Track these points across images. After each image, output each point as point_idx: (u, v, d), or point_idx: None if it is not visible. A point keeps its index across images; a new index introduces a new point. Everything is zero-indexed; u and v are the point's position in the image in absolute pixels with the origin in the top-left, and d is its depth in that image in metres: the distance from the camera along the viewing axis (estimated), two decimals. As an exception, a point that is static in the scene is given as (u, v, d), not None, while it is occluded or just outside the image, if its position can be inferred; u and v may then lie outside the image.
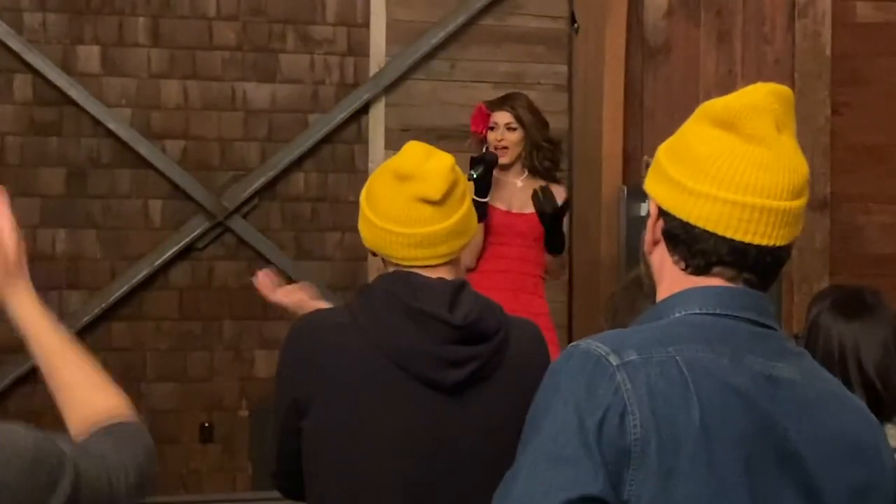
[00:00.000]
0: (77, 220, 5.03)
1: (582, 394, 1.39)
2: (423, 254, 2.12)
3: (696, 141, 1.51)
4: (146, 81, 5.10)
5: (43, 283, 5.02)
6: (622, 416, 1.37)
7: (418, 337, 2.05)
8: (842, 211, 5.59)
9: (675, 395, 1.40)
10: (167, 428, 5.09)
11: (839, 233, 5.58)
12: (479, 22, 5.41)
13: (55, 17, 5.01)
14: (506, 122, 4.46)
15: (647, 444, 1.37)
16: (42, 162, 5.00)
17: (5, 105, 4.97)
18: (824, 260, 5.50)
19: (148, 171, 5.09)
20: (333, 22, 5.29)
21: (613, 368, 1.40)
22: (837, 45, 5.55)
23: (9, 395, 4.93)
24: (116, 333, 5.08)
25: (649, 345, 1.43)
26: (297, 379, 2.12)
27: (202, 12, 5.15)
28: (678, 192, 1.50)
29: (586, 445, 1.36)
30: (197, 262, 5.16)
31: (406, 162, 2.13)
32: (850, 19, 5.62)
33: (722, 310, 1.49)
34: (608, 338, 1.47)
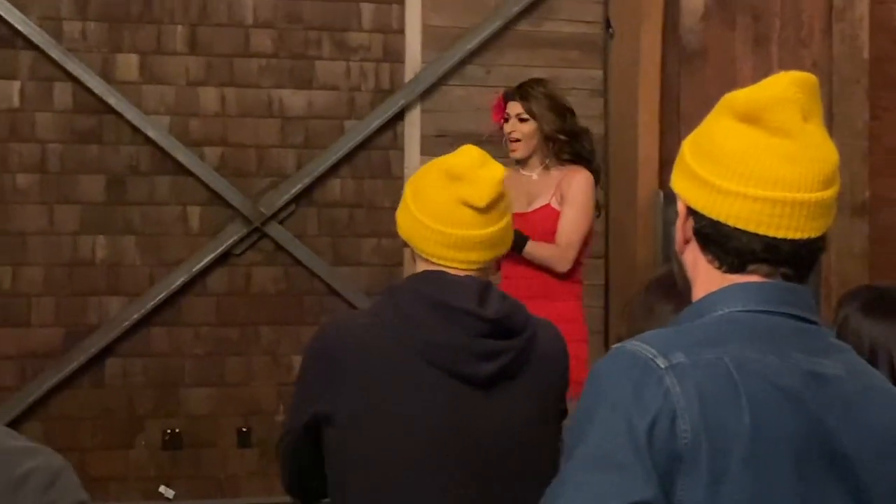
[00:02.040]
0: (116, 227, 5.08)
1: (630, 398, 1.37)
2: (454, 255, 2.14)
3: (722, 137, 1.49)
4: (184, 89, 5.14)
5: (83, 290, 5.12)
6: (673, 420, 1.35)
7: (449, 331, 2.06)
8: (881, 215, 5.54)
9: (724, 398, 1.37)
10: (205, 432, 5.13)
11: (878, 237, 5.52)
12: (514, 27, 5.42)
13: (95, 25, 5.06)
14: (517, 112, 4.21)
15: (698, 449, 1.35)
16: (82, 169, 5.05)
17: (46, 113, 5.02)
18: (864, 265, 5.45)
19: (186, 178, 5.13)
20: (369, 29, 5.31)
21: (662, 371, 1.37)
22: (875, 49, 5.50)
23: (47, 400, 4.97)
24: (155, 339, 5.11)
25: (696, 346, 1.41)
26: (323, 382, 2.12)
27: (239, 20, 5.19)
28: (707, 190, 1.48)
29: (637, 451, 1.33)
30: (234, 268, 5.19)
31: (460, 163, 2.14)
32: (889, 23, 5.58)
33: (764, 306, 1.47)
34: (653, 339, 1.44)
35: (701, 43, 5.42)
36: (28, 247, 4.99)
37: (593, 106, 5.51)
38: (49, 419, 4.94)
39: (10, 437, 1.45)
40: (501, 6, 5.37)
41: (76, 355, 4.99)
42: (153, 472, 5.10)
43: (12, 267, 4.97)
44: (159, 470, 5.11)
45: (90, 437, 4.99)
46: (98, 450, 4.96)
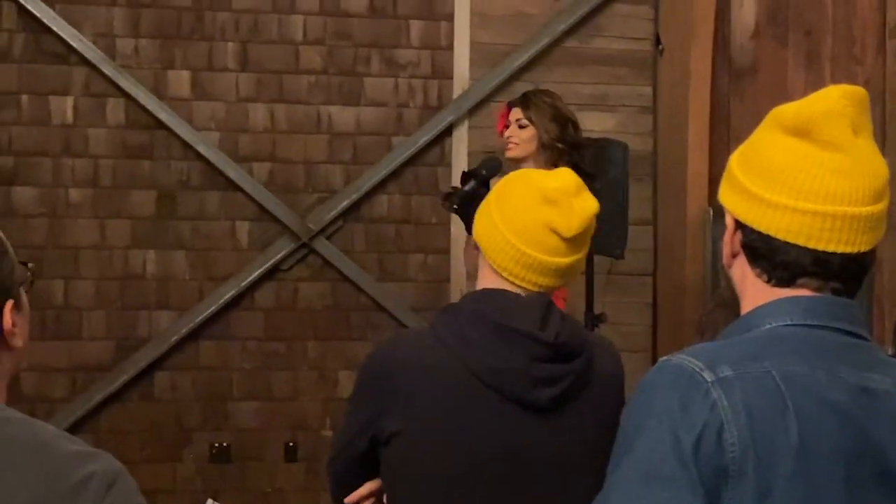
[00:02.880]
0: (167, 242, 5.13)
1: (676, 411, 1.36)
2: (526, 276, 2.10)
3: (771, 151, 1.48)
4: (234, 105, 5.19)
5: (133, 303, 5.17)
6: (719, 433, 1.34)
7: (510, 355, 2.03)
8: (934, 233, 5.46)
9: (772, 412, 1.36)
10: (252, 447, 5.15)
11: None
12: (562, 44, 5.41)
13: (147, 42, 5.12)
14: (517, 118, 4.21)
15: (745, 462, 1.34)
16: (133, 184, 5.10)
17: (98, 129, 5.08)
18: (917, 284, 5.38)
19: (235, 194, 5.17)
20: (418, 45, 5.33)
21: (708, 384, 1.37)
22: (929, 66, 5.43)
23: (99, 412, 5.02)
24: (204, 353, 5.15)
25: (743, 359, 1.40)
26: (376, 402, 2.10)
27: (289, 37, 5.23)
28: (756, 204, 1.47)
29: (683, 464, 1.33)
30: (282, 283, 5.21)
31: (557, 188, 2.09)
32: (943, 39, 5.51)
33: (813, 320, 1.46)
34: (700, 352, 1.43)
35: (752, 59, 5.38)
36: (80, 261, 5.05)
37: (642, 123, 5.49)
38: (99, 432, 4.98)
39: (70, 442, 1.47)
40: (550, 23, 5.37)
41: (126, 368, 5.04)
42: (201, 486, 5.12)
43: (64, 280, 5.03)
44: (207, 483, 5.13)
45: (139, 450, 5.03)
46: (146, 463, 5.00)
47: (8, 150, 5.00)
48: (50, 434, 1.46)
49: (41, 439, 1.44)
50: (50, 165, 5.04)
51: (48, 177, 5.04)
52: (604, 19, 5.46)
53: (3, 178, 4.99)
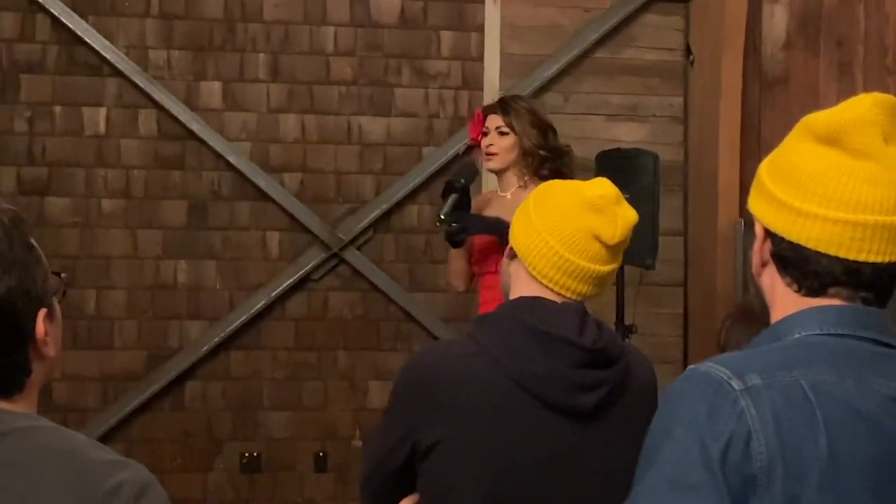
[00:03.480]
0: (198, 252, 5.15)
1: (704, 419, 1.36)
2: (567, 283, 2.10)
3: (801, 159, 1.47)
4: (265, 116, 5.21)
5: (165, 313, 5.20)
6: (747, 442, 1.34)
7: (551, 362, 2.02)
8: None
9: (801, 421, 1.36)
10: (282, 456, 5.16)
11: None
12: (592, 55, 5.41)
13: (179, 54, 5.15)
14: (496, 125, 3.99)
15: (773, 472, 1.33)
16: (165, 195, 5.14)
17: (131, 139, 5.12)
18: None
19: (266, 204, 5.19)
20: (448, 56, 5.34)
21: (736, 393, 1.36)
22: (963, 75, 5.39)
23: (130, 421, 5.05)
24: (235, 362, 5.17)
25: (772, 368, 1.39)
26: (417, 412, 2.08)
27: (320, 48, 5.25)
28: (785, 213, 1.46)
29: (710, 472, 1.33)
30: (312, 293, 5.23)
31: (600, 195, 2.10)
32: (977, 48, 5.46)
33: (843, 330, 1.45)
34: (728, 360, 1.43)
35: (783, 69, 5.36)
36: (112, 270, 5.09)
37: (673, 133, 5.47)
38: (130, 441, 5.01)
39: (101, 450, 1.48)
40: (580, 33, 5.37)
41: (157, 378, 5.06)
42: (231, 495, 5.14)
43: (96, 290, 5.06)
44: (237, 493, 5.15)
45: (170, 460, 5.05)
46: (178, 472, 5.02)
47: (42, 160, 5.05)
48: (80, 443, 1.47)
49: (72, 448, 1.45)
50: (83, 176, 5.08)
51: (81, 187, 5.08)
52: (635, 30, 5.45)
53: (36, 189, 5.04)
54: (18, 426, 1.44)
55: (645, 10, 5.45)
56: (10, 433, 1.43)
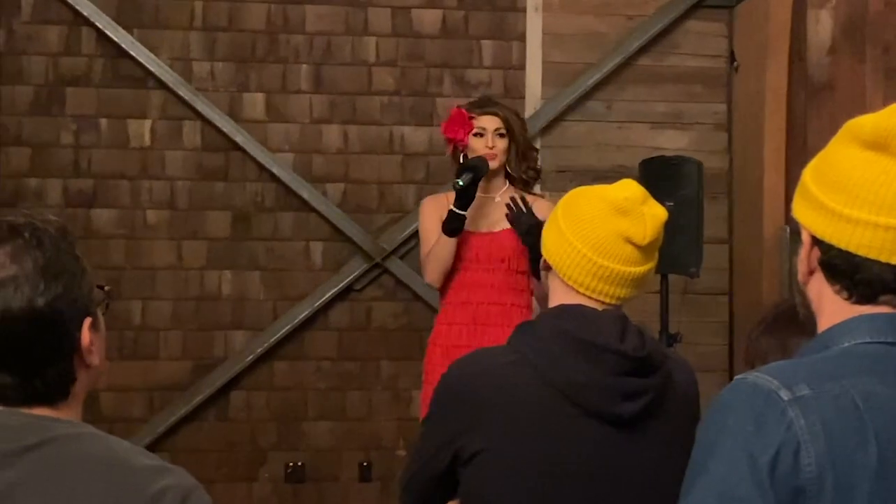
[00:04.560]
0: (242, 262, 5.18)
1: (752, 430, 1.34)
2: (603, 288, 2.10)
3: (849, 165, 1.44)
4: (308, 127, 5.24)
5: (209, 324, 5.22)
6: (796, 453, 1.32)
7: (593, 370, 2.01)
8: None
9: (851, 432, 1.33)
10: (327, 466, 5.17)
11: None
12: (635, 62, 5.39)
13: (223, 65, 5.19)
14: (495, 127, 3.96)
15: (823, 483, 1.31)
16: (209, 206, 5.17)
17: (175, 151, 5.16)
18: None
19: (309, 214, 5.21)
20: (489, 65, 5.34)
21: (785, 403, 1.34)
22: None
23: (176, 431, 5.08)
24: (279, 373, 5.19)
25: (821, 378, 1.37)
26: (458, 421, 2.07)
27: (362, 59, 5.27)
28: (834, 220, 1.43)
29: (759, 485, 1.31)
30: (355, 303, 5.24)
31: (627, 197, 2.09)
32: None
33: (893, 338, 1.42)
34: (776, 370, 1.40)
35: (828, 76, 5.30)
36: (157, 281, 5.13)
37: (717, 140, 5.44)
38: (176, 451, 5.04)
39: (145, 457, 1.49)
40: (623, 41, 5.35)
41: (202, 388, 5.09)
42: (275, 505, 5.16)
43: (142, 301, 5.10)
44: (282, 502, 5.16)
45: (215, 470, 5.08)
46: (223, 482, 5.04)
47: (88, 172, 5.10)
48: (124, 449, 1.48)
49: (115, 455, 1.46)
50: (128, 187, 5.13)
51: (126, 199, 5.12)
52: (678, 37, 5.43)
53: (83, 201, 5.09)
54: (62, 433, 1.45)
55: (688, 16, 5.42)
56: (55, 440, 1.44)
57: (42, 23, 5.08)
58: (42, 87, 5.09)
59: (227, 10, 5.19)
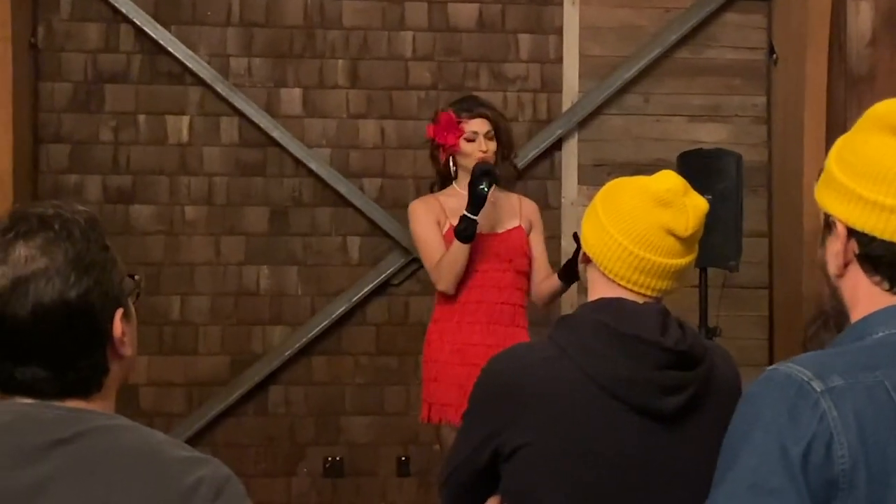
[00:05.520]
0: (279, 258, 5.20)
1: (784, 421, 1.33)
2: (646, 282, 2.08)
3: (881, 154, 1.42)
4: (345, 122, 5.24)
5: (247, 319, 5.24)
6: (829, 445, 1.30)
7: (635, 364, 2.00)
8: None
9: (884, 423, 1.32)
10: (365, 461, 5.18)
11: None
12: (673, 55, 5.35)
13: (260, 61, 5.21)
14: (486, 130, 4.01)
15: (856, 475, 1.30)
16: (247, 201, 5.19)
17: (213, 147, 5.18)
18: None
19: (346, 209, 5.21)
20: (527, 59, 5.32)
21: (818, 395, 1.33)
22: None
23: (215, 426, 5.11)
24: (316, 368, 5.20)
25: (854, 369, 1.35)
26: (501, 416, 2.06)
27: (399, 53, 5.27)
28: (877, 211, 1.41)
29: (791, 476, 1.30)
30: (393, 298, 5.24)
31: (668, 189, 2.08)
32: None
33: None
34: (809, 361, 1.39)
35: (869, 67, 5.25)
36: (196, 277, 5.15)
37: (756, 133, 5.39)
38: (215, 445, 5.06)
39: (179, 448, 1.49)
40: (660, 34, 5.32)
41: (240, 383, 5.11)
42: (314, 500, 5.18)
43: (181, 297, 5.13)
44: (321, 497, 5.18)
45: (254, 464, 5.10)
46: (261, 476, 5.06)
47: (126, 168, 5.14)
48: (158, 440, 1.49)
49: (150, 447, 1.46)
50: (166, 184, 5.15)
51: (165, 195, 5.15)
52: (716, 29, 5.38)
53: (122, 197, 5.12)
54: (96, 425, 1.46)
55: (726, 8, 5.38)
56: (88, 433, 1.44)
57: (81, 20, 5.12)
58: (81, 83, 5.13)
59: (263, 5, 5.21)
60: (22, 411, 1.46)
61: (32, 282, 1.43)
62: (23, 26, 4.94)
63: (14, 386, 1.47)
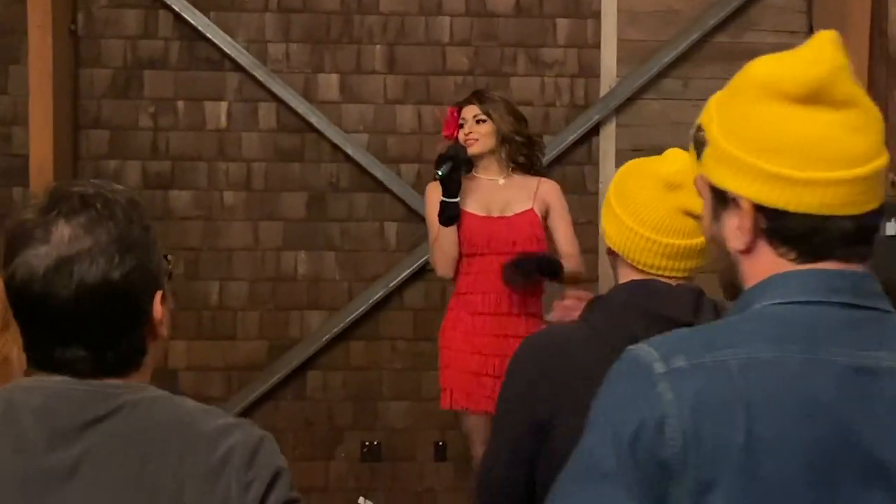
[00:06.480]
0: (317, 243, 5.21)
1: (620, 404, 1.32)
2: (671, 265, 2.08)
3: (785, 125, 1.35)
4: (382, 107, 5.25)
5: (285, 304, 5.26)
6: (660, 428, 1.28)
7: None
8: None
9: (720, 405, 1.28)
10: (402, 446, 5.20)
11: None
12: (712, 39, 5.32)
13: (297, 47, 5.22)
14: (473, 114, 4.16)
15: (687, 457, 1.27)
16: (285, 187, 5.20)
17: (251, 133, 5.20)
18: None
19: (384, 195, 5.22)
20: (564, 44, 5.30)
21: (656, 377, 1.30)
22: None
23: (253, 410, 5.13)
24: (354, 353, 5.22)
25: (705, 348, 1.32)
26: (537, 398, 2.06)
27: (436, 39, 5.26)
28: (789, 186, 1.34)
29: (619, 460, 1.29)
30: (430, 283, 5.24)
31: (678, 170, 2.07)
32: None
33: (807, 297, 1.34)
34: (665, 341, 1.36)
35: (911, 51, 5.20)
36: (234, 262, 5.17)
37: (796, 117, 5.35)
38: (253, 430, 5.08)
39: (211, 417, 1.49)
40: (699, 18, 5.28)
41: (279, 368, 5.14)
42: (352, 484, 5.20)
43: (220, 282, 5.16)
44: (358, 482, 5.20)
45: (292, 449, 5.12)
46: (300, 461, 5.09)
47: (165, 154, 5.16)
48: (189, 411, 1.48)
49: (181, 420, 1.46)
50: (205, 169, 5.18)
51: (203, 180, 5.17)
52: (755, 13, 5.34)
53: (161, 182, 5.15)
54: (127, 400, 1.45)
55: (766, -9, 5.34)
56: (121, 409, 1.44)
57: (120, 7, 5.15)
58: (120, 70, 5.16)
59: (301, -9, 5.22)
60: (53, 390, 1.45)
61: (76, 262, 1.41)
62: (62, 14, 4.97)
63: (53, 365, 1.46)
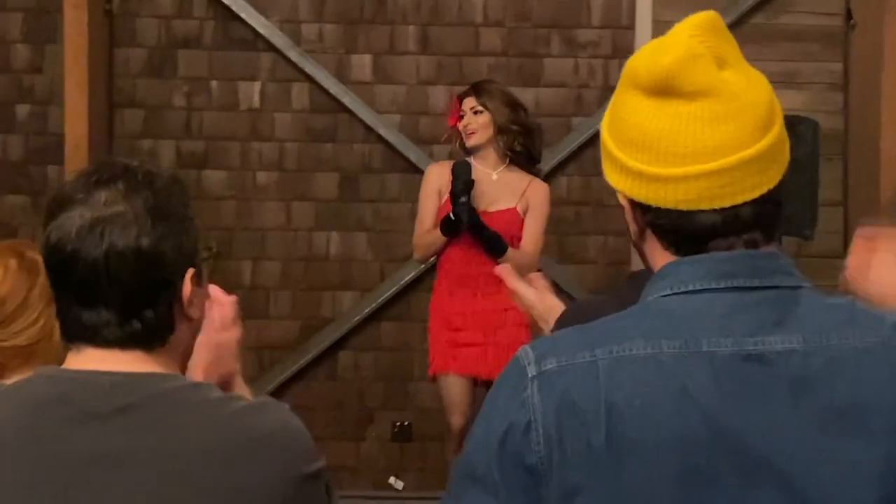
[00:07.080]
0: (349, 224, 5.22)
1: (495, 408, 1.31)
2: None
3: (639, 118, 1.33)
4: (415, 88, 5.24)
5: (317, 284, 5.27)
6: (526, 432, 1.26)
7: None
8: None
9: (585, 406, 1.25)
10: (432, 426, 5.20)
11: None
12: (748, 20, 5.27)
13: (331, 27, 5.22)
14: (471, 106, 4.28)
15: (551, 461, 1.25)
16: (317, 167, 5.21)
17: (284, 113, 5.21)
18: None
19: (415, 176, 5.20)
20: (598, 25, 5.27)
21: (528, 380, 1.29)
22: None
23: (284, 391, 5.16)
24: (385, 333, 5.23)
25: (582, 347, 1.30)
26: None
27: (469, 19, 5.24)
28: (646, 181, 1.32)
29: (488, 464, 1.28)
30: (462, 265, 5.24)
31: None
32: None
33: (695, 285, 1.32)
34: (546, 341, 1.37)
35: (951, 32, 5.12)
36: (267, 242, 5.19)
37: (832, 100, 5.30)
38: (284, 409, 5.11)
39: (236, 403, 1.49)
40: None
41: (311, 347, 5.16)
42: (383, 464, 5.22)
43: (252, 261, 5.18)
44: (389, 461, 5.22)
45: (323, 428, 5.13)
46: (331, 440, 5.10)
47: (199, 134, 5.18)
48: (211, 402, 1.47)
49: (208, 409, 1.45)
50: (238, 149, 5.19)
51: (236, 160, 5.19)
52: (792, -6, 5.29)
53: (194, 162, 5.17)
54: (154, 391, 1.44)
55: (803, -27, 5.28)
56: (147, 400, 1.43)
57: (155, -14, 5.17)
58: (155, 49, 5.18)
59: (335, -29, 5.21)
60: (75, 379, 1.45)
61: (109, 224, 1.42)
62: (98, -7, 4.99)
63: (80, 329, 1.46)
